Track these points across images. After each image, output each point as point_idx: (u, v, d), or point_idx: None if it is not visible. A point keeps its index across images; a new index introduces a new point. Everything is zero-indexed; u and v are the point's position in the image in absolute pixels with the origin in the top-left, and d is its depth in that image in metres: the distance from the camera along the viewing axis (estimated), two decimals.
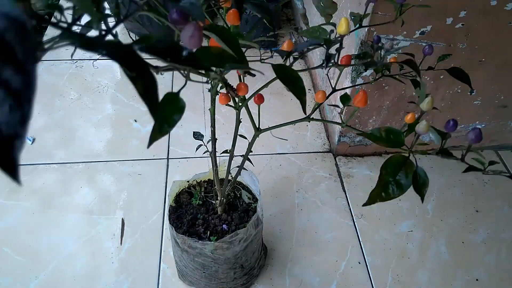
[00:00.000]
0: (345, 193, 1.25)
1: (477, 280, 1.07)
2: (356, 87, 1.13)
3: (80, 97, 1.48)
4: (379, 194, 0.48)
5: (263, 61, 0.49)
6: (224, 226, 0.90)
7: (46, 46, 0.23)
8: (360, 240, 1.14)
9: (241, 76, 0.60)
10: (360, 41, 1.03)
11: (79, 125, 1.39)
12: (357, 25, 0.55)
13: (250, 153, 0.76)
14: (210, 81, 0.51)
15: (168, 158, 1.31)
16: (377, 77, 0.66)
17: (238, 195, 0.98)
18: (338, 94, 1.27)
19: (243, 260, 0.94)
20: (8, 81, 0.15)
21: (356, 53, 1.02)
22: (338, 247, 1.13)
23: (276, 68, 0.46)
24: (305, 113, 0.49)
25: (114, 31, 0.29)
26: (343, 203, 1.22)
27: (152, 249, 1.10)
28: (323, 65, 0.49)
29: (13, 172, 0.15)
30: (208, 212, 0.94)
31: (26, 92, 0.15)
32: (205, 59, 0.34)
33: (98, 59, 1.61)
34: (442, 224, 1.19)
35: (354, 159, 1.36)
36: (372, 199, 0.48)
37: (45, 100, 1.46)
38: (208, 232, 0.89)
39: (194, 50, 0.29)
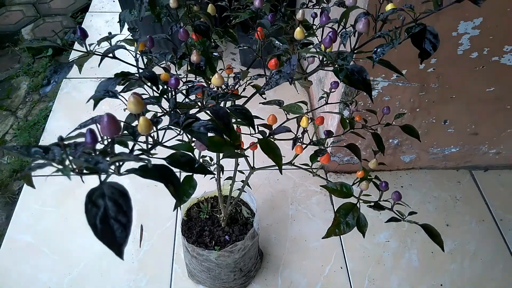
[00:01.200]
0: (333, 206, 1.44)
1: (441, 285, 1.26)
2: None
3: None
4: (334, 230, 0.67)
5: (253, 135, 0.67)
6: (226, 237, 1.10)
7: (121, 168, 0.42)
8: (343, 248, 1.34)
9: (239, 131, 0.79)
10: (345, 92, 1.21)
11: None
12: (325, 103, 0.74)
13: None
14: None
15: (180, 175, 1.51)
16: (344, 132, 0.84)
17: (239, 210, 1.18)
18: (331, 120, 1.46)
19: (241, 265, 1.14)
20: (120, 220, 0.34)
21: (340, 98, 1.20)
22: (324, 254, 1.32)
23: (260, 141, 0.65)
24: (281, 173, 0.68)
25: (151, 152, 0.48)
26: (330, 215, 1.41)
27: (166, 252, 1.31)
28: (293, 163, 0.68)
29: (121, 256, 0.34)
30: (213, 224, 1.14)
31: (128, 224, 0.34)
32: (212, 146, 0.53)
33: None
34: (416, 236, 1.37)
35: (343, 175, 1.54)
36: (328, 234, 0.67)
37: (74, 115, 1.67)
38: (213, 242, 1.09)
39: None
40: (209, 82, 0.70)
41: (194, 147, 0.53)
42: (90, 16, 2.16)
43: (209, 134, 0.52)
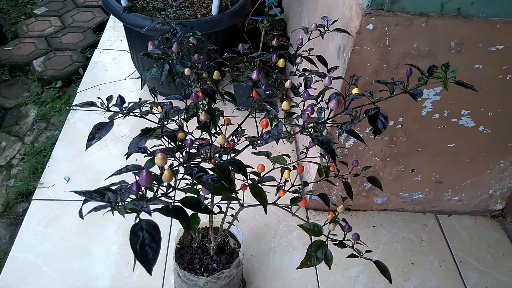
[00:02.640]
0: (311, 241, 1.59)
1: None
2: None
3: (107, 144, 1.84)
4: (306, 262, 0.82)
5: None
6: (214, 265, 1.24)
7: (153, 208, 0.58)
8: (318, 280, 1.48)
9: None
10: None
11: (105, 170, 1.73)
12: (304, 156, 0.91)
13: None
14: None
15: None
16: (320, 179, 1.01)
17: (227, 241, 1.32)
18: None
19: None
20: (152, 247, 0.49)
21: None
22: (301, 285, 1.46)
23: (250, 186, 0.81)
24: (266, 213, 0.84)
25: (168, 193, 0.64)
26: None
27: (157, 276, 1.43)
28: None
29: (150, 272, 0.49)
30: (203, 253, 1.27)
31: (158, 249, 0.49)
32: (214, 191, 0.69)
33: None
34: None
35: (322, 213, 1.70)
36: (301, 265, 0.82)
37: (79, 145, 1.81)
38: (202, 269, 1.23)
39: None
40: (213, 137, 0.87)
41: (200, 190, 0.69)
42: (99, 52, 2.34)
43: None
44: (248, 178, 0.83)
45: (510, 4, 1.08)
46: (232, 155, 0.86)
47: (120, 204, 0.49)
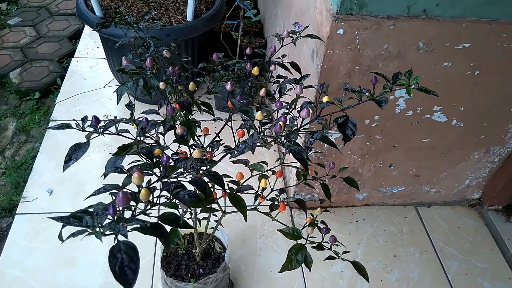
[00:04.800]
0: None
1: None
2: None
3: (89, 154, 1.83)
4: (287, 266, 0.85)
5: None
6: (201, 270, 1.26)
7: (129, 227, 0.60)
8: (305, 278, 1.51)
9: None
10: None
11: (88, 179, 1.73)
12: (281, 163, 0.93)
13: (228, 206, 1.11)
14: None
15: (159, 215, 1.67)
16: (299, 182, 1.03)
17: (212, 246, 1.34)
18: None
19: None
20: (131, 267, 0.51)
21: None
22: (287, 284, 1.49)
23: (229, 195, 0.83)
24: (246, 221, 0.86)
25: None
26: None
27: (145, 283, 1.44)
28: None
29: None
30: (189, 259, 1.29)
31: (136, 270, 0.51)
32: (192, 205, 0.71)
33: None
34: (367, 266, 1.57)
35: (310, 212, 1.73)
36: (282, 269, 0.85)
37: (60, 157, 1.80)
38: (189, 275, 1.25)
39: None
40: (191, 149, 0.89)
41: (179, 204, 0.71)
42: (76, 61, 2.32)
43: None
44: (227, 187, 0.85)
45: (474, 4, 1.12)
46: (210, 166, 0.88)
47: (98, 228, 0.50)
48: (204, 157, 0.79)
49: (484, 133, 1.50)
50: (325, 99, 0.78)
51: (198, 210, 0.99)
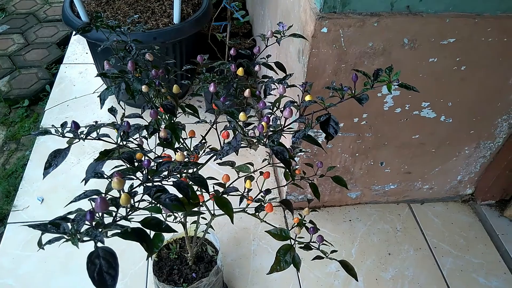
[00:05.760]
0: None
1: None
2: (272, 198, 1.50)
3: (79, 161, 1.82)
4: (276, 267, 0.85)
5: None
6: (193, 274, 1.25)
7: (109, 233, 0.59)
8: (299, 278, 1.51)
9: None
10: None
11: (78, 186, 1.72)
12: (268, 163, 0.93)
13: (217, 209, 1.10)
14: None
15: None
16: (287, 183, 1.03)
17: (204, 250, 1.33)
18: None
19: None
20: (110, 273, 0.50)
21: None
22: (282, 285, 1.48)
23: (215, 198, 0.82)
24: (232, 223, 0.85)
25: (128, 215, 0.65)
26: None
27: None
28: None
29: None
30: (182, 263, 1.28)
31: (115, 276, 0.51)
32: (175, 209, 0.70)
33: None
34: (362, 265, 1.56)
35: (299, 211, 1.73)
36: (271, 270, 0.84)
37: None
38: (182, 279, 1.24)
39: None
40: (176, 152, 0.88)
41: (162, 208, 0.70)
42: (64, 67, 2.31)
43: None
44: (213, 189, 0.84)
45: None
46: (195, 169, 0.87)
47: (74, 234, 0.49)
48: (188, 160, 0.78)
49: (473, 128, 1.50)
50: (307, 98, 0.78)
51: (182, 213, 0.99)
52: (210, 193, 0.89)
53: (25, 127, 2.04)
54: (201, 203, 0.98)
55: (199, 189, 0.95)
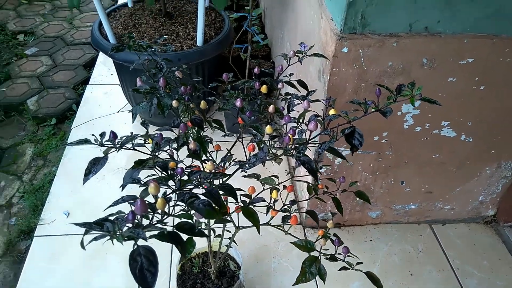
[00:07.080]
0: None
1: None
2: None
3: (104, 177, 1.87)
4: (301, 278, 0.86)
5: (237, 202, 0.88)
6: None
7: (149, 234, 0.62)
8: None
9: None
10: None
11: (104, 202, 1.76)
12: (291, 176, 0.95)
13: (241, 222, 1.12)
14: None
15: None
16: (310, 197, 1.05)
17: (227, 264, 1.35)
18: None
19: None
20: (150, 270, 0.53)
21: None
22: None
23: (242, 208, 0.85)
24: (259, 233, 0.87)
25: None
26: None
27: None
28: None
29: None
30: (204, 277, 1.30)
31: (155, 273, 0.53)
32: (207, 215, 0.73)
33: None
34: (384, 285, 1.53)
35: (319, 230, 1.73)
36: (297, 281, 0.85)
37: (76, 180, 1.85)
38: None
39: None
40: (204, 163, 0.92)
41: (193, 215, 0.73)
42: (91, 88, 2.40)
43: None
44: (240, 200, 0.87)
45: (474, 20, 1.15)
46: (223, 179, 0.91)
47: (118, 232, 0.53)
48: (216, 171, 0.82)
49: (494, 148, 1.50)
50: (332, 112, 0.81)
51: (212, 221, 1.01)
52: (236, 205, 0.92)
53: (52, 144, 2.12)
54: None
55: (224, 200, 0.98)
